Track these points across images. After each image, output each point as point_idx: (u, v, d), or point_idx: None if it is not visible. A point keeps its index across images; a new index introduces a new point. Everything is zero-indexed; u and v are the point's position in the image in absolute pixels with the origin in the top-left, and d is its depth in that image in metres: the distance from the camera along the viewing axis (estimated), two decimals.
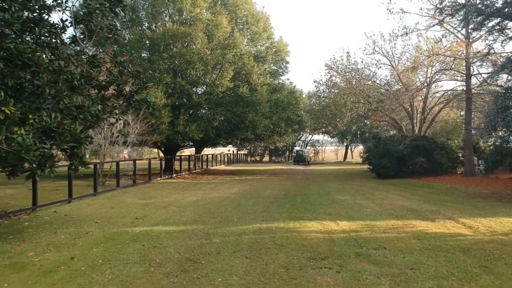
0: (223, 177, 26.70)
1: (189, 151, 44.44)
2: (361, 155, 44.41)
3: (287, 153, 62.64)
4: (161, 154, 32.82)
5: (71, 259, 7.02)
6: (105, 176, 20.12)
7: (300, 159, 50.32)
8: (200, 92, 26.60)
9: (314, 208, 12.61)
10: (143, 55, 25.27)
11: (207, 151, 45.68)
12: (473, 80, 24.05)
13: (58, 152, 8.29)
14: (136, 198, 15.53)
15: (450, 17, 20.71)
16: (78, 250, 7.66)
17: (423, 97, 27.36)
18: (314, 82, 32.17)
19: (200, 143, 31.89)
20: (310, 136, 62.97)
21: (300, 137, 61.72)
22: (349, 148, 64.24)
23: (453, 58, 23.46)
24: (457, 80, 25.45)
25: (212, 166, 37.74)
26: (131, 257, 7.14)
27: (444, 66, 25.03)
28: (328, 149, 71.69)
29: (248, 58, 26.88)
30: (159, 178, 23.31)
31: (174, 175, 26.16)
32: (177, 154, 46.47)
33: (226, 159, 46.22)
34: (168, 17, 26.36)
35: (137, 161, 21.09)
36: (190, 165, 30.28)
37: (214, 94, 26.06)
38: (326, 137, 63.16)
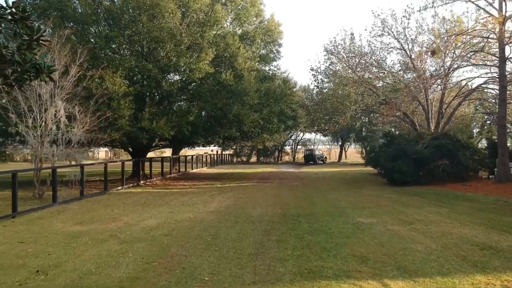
0: (203, 184, 21.97)
1: (170, 152, 39.47)
2: (363, 156, 40.02)
3: (277, 153, 57.94)
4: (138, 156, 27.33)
5: None
6: (43, 186, 15.27)
7: (311, 158, 48.86)
8: (173, 80, 21.46)
9: (333, 244, 8.03)
10: (100, 30, 19.95)
11: (189, 151, 40.90)
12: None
13: None
14: (70, 222, 10.83)
15: None
16: None
17: (442, 87, 22.94)
18: (311, 70, 27.17)
19: (175, 143, 26.77)
20: (302, 134, 58.12)
21: (291, 136, 56.85)
22: (344, 147, 59.45)
23: (483, 38, 19.09)
24: (486, 65, 21.11)
25: (192, 169, 32.94)
26: None
27: (469, 48, 20.63)
28: (320, 149, 66.85)
29: (232, 38, 21.74)
30: (119, 187, 18.41)
31: (142, 181, 21.28)
32: (158, 155, 41.58)
33: (209, 160, 41.54)
34: None
35: (103, 165, 16.81)
36: (164, 168, 25.31)
37: (189, 81, 21.04)
38: (319, 136, 58.39)
